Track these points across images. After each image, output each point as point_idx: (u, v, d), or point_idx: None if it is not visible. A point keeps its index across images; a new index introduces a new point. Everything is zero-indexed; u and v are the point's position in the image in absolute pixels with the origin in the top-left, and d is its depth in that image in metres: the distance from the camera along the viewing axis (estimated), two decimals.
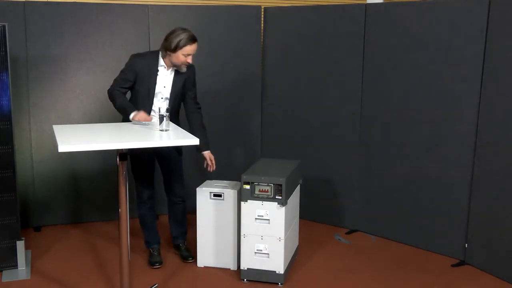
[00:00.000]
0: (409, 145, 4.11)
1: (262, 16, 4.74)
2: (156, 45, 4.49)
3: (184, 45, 3.38)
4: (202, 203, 3.73)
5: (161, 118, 3.07)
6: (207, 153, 3.80)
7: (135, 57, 3.54)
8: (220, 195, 3.69)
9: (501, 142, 3.58)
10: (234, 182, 3.86)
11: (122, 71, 3.55)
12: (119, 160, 2.92)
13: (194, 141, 2.89)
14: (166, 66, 3.53)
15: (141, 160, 3.69)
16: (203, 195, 3.72)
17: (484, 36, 3.63)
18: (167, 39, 3.42)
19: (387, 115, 4.20)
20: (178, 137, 2.95)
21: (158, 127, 3.12)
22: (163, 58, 3.52)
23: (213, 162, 3.82)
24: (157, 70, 3.52)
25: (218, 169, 4.86)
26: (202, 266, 3.80)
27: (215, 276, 3.65)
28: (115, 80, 3.55)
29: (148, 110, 3.53)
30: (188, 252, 3.91)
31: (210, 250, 3.77)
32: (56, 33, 4.30)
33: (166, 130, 3.06)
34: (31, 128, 4.35)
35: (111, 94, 3.53)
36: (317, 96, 4.53)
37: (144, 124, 3.28)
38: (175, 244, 3.99)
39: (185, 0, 5.04)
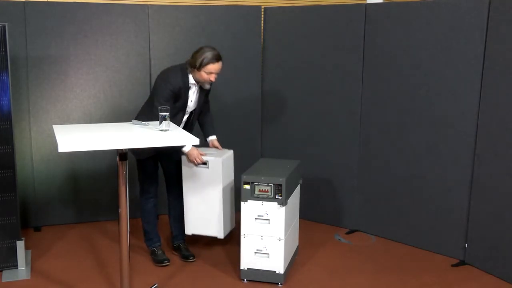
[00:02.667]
0: (409, 145, 4.10)
1: (262, 16, 4.74)
2: (156, 45, 4.54)
3: (207, 64, 3.48)
4: (187, 172, 3.75)
5: (162, 118, 3.06)
6: (213, 138, 3.98)
7: (170, 77, 3.52)
8: (204, 163, 3.71)
9: (501, 142, 3.57)
10: (221, 151, 3.89)
11: (162, 94, 3.49)
12: (119, 160, 2.92)
13: (194, 141, 2.90)
14: (195, 83, 3.63)
15: (147, 157, 3.72)
16: (188, 164, 3.74)
17: (484, 36, 3.62)
18: (193, 56, 3.53)
19: (387, 115, 4.20)
20: (177, 137, 2.95)
21: (158, 127, 3.12)
22: (191, 74, 3.60)
23: (219, 147, 3.98)
24: (189, 87, 3.62)
25: None
26: (190, 234, 3.87)
27: (215, 276, 3.65)
28: (160, 103, 3.43)
29: (179, 123, 3.67)
30: (189, 251, 3.91)
31: (197, 219, 3.81)
32: (56, 33, 4.30)
33: (166, 130, 3.06)
34: (31, 128, 4.35)
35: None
36: (317, 96, 4.53)
37: (144, 124, 3.28)
38: (175, 245, 3.98)
39: (185, 0, 5.04)
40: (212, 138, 3.99)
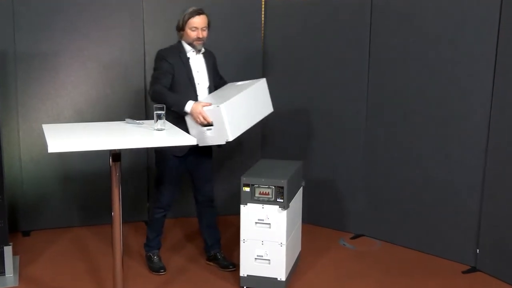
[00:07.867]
0: (416, 146, 4.07)
1: (263, 9, 4.74)
2: (150, 40, 4.55)
3: (189, 19, 3.51)
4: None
5: (157, 117, 3.03)
6: None
7: (163, 50, 3.57)
8: (210, 125, 3.41)
9: None
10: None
11: (157, 68, 3.53)
12: (112, 161, 2.89)
13: (191, 141, 2.87)
14: (193, 50, 3.59)
15: (174, 163, 3.60)
16: (196, 127, 3.47)
17: (496, 30, 3.57)
18: (178, 21, 3.58)
19: (393, 114, 4.16)
20: (173, 136, 2.92)
21: (153, 126, 3.09)
22: (183, 41, 3.60)
23: None
24: (188, 57, 3.58)
25: (218, 170, 4.77)
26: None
27: (213, 283, 3.62)
28: (154, 78, 3.50)
29: (195, 98, 3.54)
30: (228, 260, 3.84)
31: None
32: (46, 27, 4.26)
33: (161, 130, 3.03)
34: (20, 127, 4.31)
35: (157, 92, 3.43)
36: (320, 93, 4.50)
37: (139, 124, 3.25)
38: (211, 255, 3.89)
39: None
40: None
